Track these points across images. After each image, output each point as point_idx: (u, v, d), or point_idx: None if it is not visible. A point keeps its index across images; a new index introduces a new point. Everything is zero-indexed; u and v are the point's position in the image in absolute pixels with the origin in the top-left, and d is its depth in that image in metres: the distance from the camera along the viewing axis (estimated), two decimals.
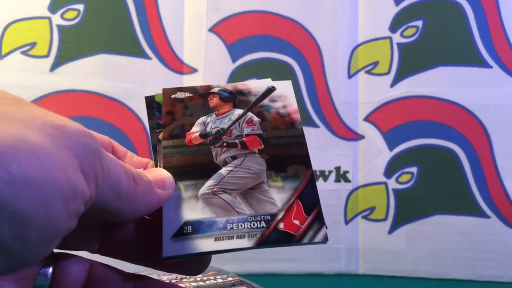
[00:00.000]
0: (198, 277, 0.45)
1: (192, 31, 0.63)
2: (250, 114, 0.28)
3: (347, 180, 0.62)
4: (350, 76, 0.64)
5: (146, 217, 0.24)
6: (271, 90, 0.29)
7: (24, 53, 0.60)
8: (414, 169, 0.62)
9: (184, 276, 0.45)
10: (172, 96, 0.29)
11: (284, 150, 0.26)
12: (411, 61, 0.63)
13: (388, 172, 0.62)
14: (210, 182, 0.25)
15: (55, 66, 0.61)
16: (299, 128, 0.28)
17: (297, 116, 0.28)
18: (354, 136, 0.63)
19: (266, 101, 0.28)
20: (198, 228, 0.23)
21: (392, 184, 0.62)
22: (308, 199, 0.25)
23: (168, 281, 0.43)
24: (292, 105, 0.28)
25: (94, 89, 0.61)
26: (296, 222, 0.24)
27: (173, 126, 0.27)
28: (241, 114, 0.28)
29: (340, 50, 0.64)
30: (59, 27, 0.61)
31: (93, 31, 0.62)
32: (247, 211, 0.24)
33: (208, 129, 0.27)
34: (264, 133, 0.27)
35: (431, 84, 0.62)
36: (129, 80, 0.62)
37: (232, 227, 0.24)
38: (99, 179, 0.18)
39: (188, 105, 0.28)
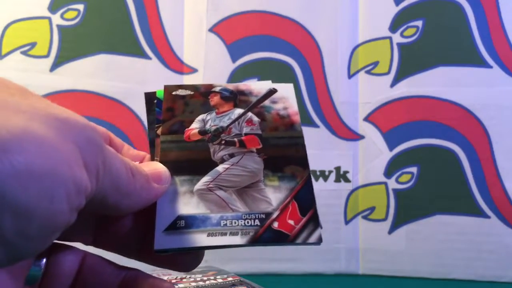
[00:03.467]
0: (198, 277, 0.45)
1: (192, 31, 0.63)
2: (250, 114, 0.28)
3: (347, 180, 0.62)
4: (350, 76, 0.64)
5: (142, 210, 0.24)
6: (272, 92, 0.29)
7: (24, 53, 0.60)
8: (414, 169, 0.62)
9: (184, 276, 0.45)
10: (173, 93, 0.29)
11: (282, 150, 0.27)
12: (411, 61, 0.63)
13: (388, 172, 0.62)
14: (206, 178, 0.25)
15: (55, 66, 0.61)
16: (299, 130, 0.28)
17: (297, 118, 0.28)
18: (354, 136, 0.63)
19: (267, 102, 0.29)
20: (191, 223, 0.23)
21: (392, 184, 0.62)
22: (304, 200, 0.25)
23: (168, 282, 0.43)
24: (292, 107, 0.28)
25: (94, 89, 0.61)
26: (291, 222, 0.24)
27: (172, 122, 0.27)
28: (241, 113, 0.28)
29: (340, 50, 0.64)
30: (59, 27, 0.61)
31: (93, 31, 0.62)
32: (242, 209, 0.24)
33: (208, 126, 0.27)
34: (263, 133, 0.27)
35: (431, 84, 0.62)
36: (129, 80, 0.62)
37: (226, 224, 0.24)
38: (100, 173, 0.18)
39: (189, 102, 0.28)
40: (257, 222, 0.24)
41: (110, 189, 0.19)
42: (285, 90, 0.29)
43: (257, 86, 0.29)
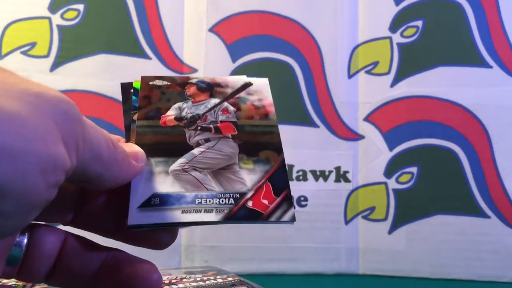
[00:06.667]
0: (198, 277, 0.45)
1: (192, 31, 0.63)
2: (226, 103, 0.28)
3: (347, 180, 0.63)
4: (350, 76, 0.64)
5: (117, 191, 0.24)
6: (247, 85, 0.30)
7: (24, 53, 0.60)
8: (414, 169, 0.62)
9: (184, 276, 0.45)
10: (150, 83, 0.29)
11: (257, 137, 0.27)
12: (411, 61, 0.63)
13: (388, 172, 0.62)
14: (181, 160, 0.25)
15: (55, 66, 0.61)
16: (273, 119, 0.28)
17: (271, 108, 0.29)
18: (354, 136, 0.63)
19: (242, 94, 0.29)
20: (166, 200, 0.24)
21: (392, 184, 0.62)
22: (277, 182, 0.25)
23: (168, 281, 0.43)
24: (267, 99, 0.29)
25: (94, 89, 0.61)
26: (265, 201, 0.24)
27: (148, 109, 0.28)
28: (217, 102, 0.28)
29: (340, 50, 0.64)
30: (59, 27, 0.61)
31: (93, 31, 0.62)
32: (217, 189, 0.25)
33: (184, 114, 0.28)
34: (238, 121, 0.28)
35: (431, 84, 0.62)
36: (129, 80, 0.62)
37: (201, 202, 0.24)
38: (80, 146, 0.18)
39: (166, 91, 0.29)
40: (231, 201, 0.24)
41: (92, 160, 0.19)
42: (260, 84, 0.30)
43: (233, 80, 0.30)
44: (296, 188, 0.62)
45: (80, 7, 0.62)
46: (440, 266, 0.60)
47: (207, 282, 0.43)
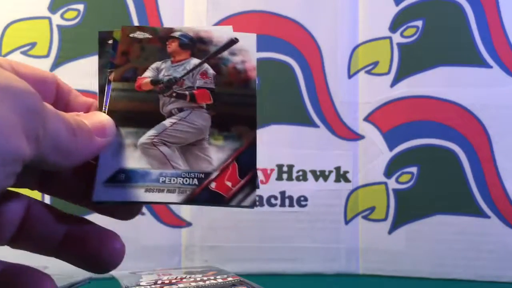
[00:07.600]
0: (198, 277, 0.45)
1: None
2: (206, 65, 0.27)
3: (347, 180, 0.62)
4: (350, 76, 0.64)
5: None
6: (233, 42, 0.28)
7: (24, 53, 0.60)
8: (414, 169, 0.62)
9: (184, 276, 0.45)
10: (131, 35, 0.28)
11: (232, 108, 0.26)
12: (411, 61, 0.63)
13: (388, 172, 0.62)
14: (151, 132, 0.25)
15: (55, 66, 0.61)
16: (253, 88, 0.27)
17: (253, 73, 0.27)
18: (354, 136, 0.63)
19: (225, 54, 0.27)
20: (131, 176, 0.24)
21: (392, 184, 0.62)
22: (245, 162, 0.25)
23: (168, 281, 0.43)
24: (251, 61, 0.27)
25: (94, 89, 0.61)
26: (228, 183, 0.24)
27: (125, 68, 0.27)
28: (197, 64, 0.27)
29: (340, 50, 0.64)
30: (59, 27, 0.61)
31: (93, 31, 0.61)
32: (182, 167, 0.24)
33: (161, 76, 0.27)
34: (216, 87, 0.26)
35: (431, 84, 0.62)
36: None
37: (165, 181, 0.24)
38: (40, 138, 0.18)
39: (146, 47, 0.27)
40: (195, 181, 0.24)
41: (50, 150, 0.19)
42: (247, 41, 0.28)
43: (218, 34, 0.28)
44: (296, 188, 0.62)
45: (80, 7, 0.62)
46: (440, 266, 0.60)
47: (207, 282, 0.43)
